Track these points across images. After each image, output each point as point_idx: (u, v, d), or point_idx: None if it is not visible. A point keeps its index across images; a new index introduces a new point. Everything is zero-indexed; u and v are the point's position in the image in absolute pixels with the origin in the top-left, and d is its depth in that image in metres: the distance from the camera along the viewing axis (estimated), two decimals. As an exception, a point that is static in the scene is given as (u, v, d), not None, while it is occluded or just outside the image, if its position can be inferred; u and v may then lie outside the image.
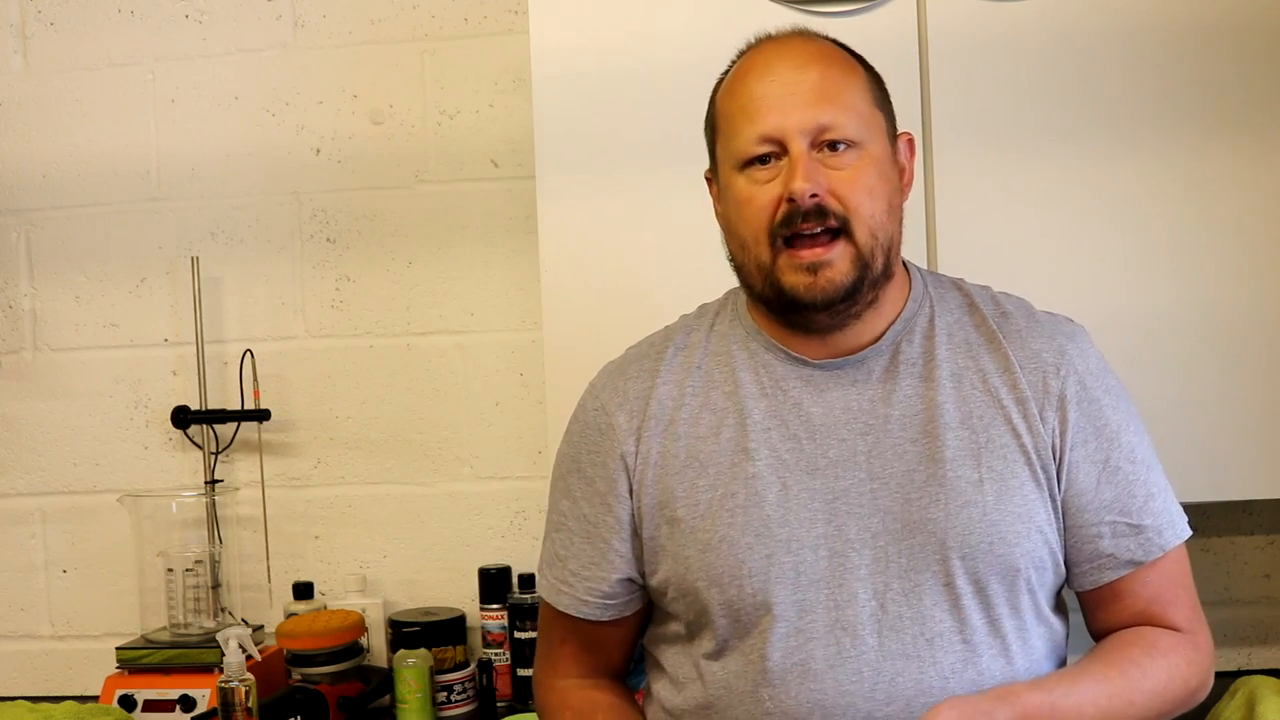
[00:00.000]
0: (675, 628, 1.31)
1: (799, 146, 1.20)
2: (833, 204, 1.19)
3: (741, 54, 1.31)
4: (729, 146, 1.26)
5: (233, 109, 2.19)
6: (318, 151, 2.18)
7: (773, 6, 1.66)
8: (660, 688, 1.33)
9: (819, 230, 1.20)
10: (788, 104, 1.21)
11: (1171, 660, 1.23)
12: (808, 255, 1.20)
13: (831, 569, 1.20)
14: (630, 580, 1.33)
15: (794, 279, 1.21)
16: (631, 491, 1.30)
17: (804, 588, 1.20)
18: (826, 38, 1.30)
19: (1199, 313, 1.64)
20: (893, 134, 1.28)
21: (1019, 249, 1.64)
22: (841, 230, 1.20)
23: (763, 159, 1.22)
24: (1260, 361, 1.64)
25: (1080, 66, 1.63)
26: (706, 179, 1.35)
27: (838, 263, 1.20)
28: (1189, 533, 1.28)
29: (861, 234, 1.20)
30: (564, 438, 1.39)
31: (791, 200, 1.19)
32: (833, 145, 1.21)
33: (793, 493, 1.23)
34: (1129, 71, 1.63)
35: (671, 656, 1.32)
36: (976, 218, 1.65)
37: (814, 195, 1.18)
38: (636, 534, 1.30)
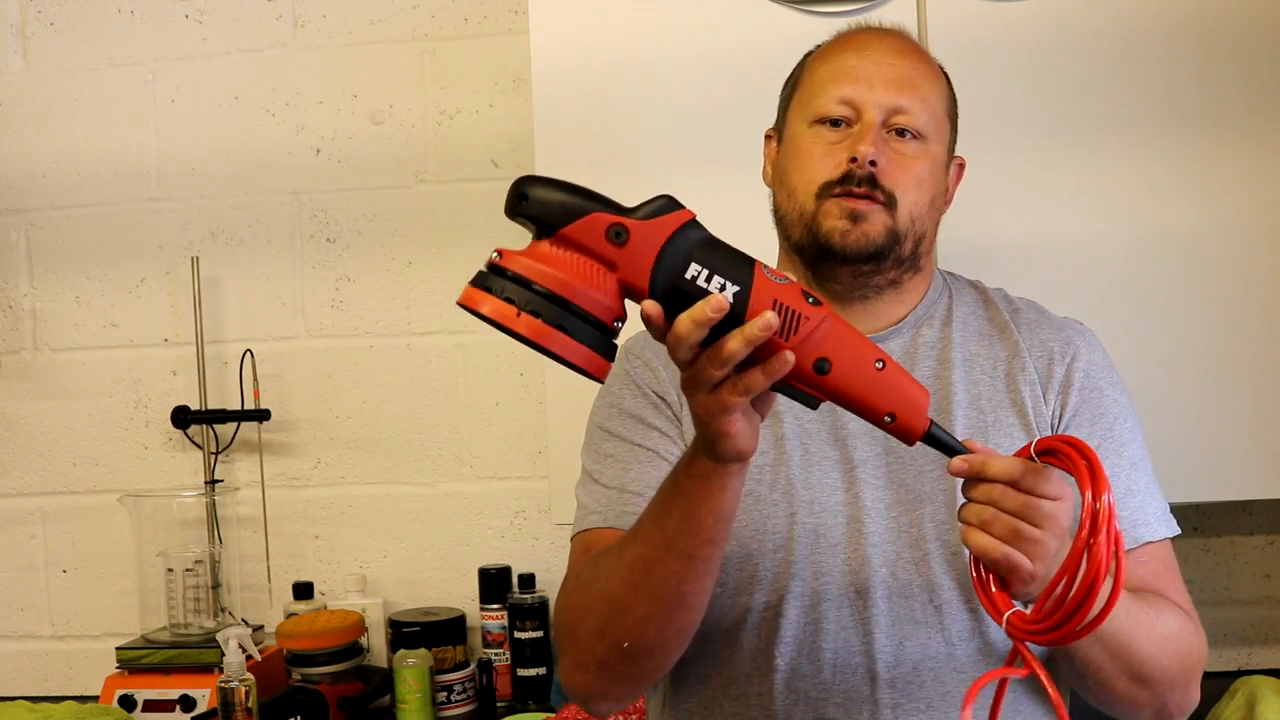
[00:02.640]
0: None
1: (873, 117, 1.26)
2: (885, 181, 1.25)
3: (841, 32, 1.36)
4: (807, 101, 1.31)
5: (233, 109, 2.19)
6: (318, 151, 2.18)
7: (772, 6, 1.66)
8: None
9: (865, 197, 1.25)
10: (874, 78, 1.27)
11: (1182, 621, 1.23)
12: (851, 203, 1.25)
13: (849, 534, 1.24)
14: None
15: (833, 223, 1.25)
16: (680, 430, 1.30)
17: (822, 550, 1.23)
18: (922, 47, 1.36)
19: (1198, 312, 1.64)
20: (951, 151, 1.35)
21: (1018, 247, 1.65)
22: (886, 203, 1.25)
23: (835, 122, 1.28)
24: (1260, 362, 1.64)
25: (1079, 66, 1.63)
26: (767, 136, 1.40)
27: (874, 221, 1.25)
28: (1164, 533, 1.27)
29: (902, 214, 1.26)
30: (599, 398, 1.38)
31: (854, 160, 1.24)
32: (900, 133, 1.27)
33: (814, 459, 1.27)
34: (1128, 71, 1.63)
35: None
36: (975, 216, 1.65)
37: (874, 163, 1.24)
38: None
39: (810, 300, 0.94)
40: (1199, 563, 2.01)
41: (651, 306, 0.91)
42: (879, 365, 0.97)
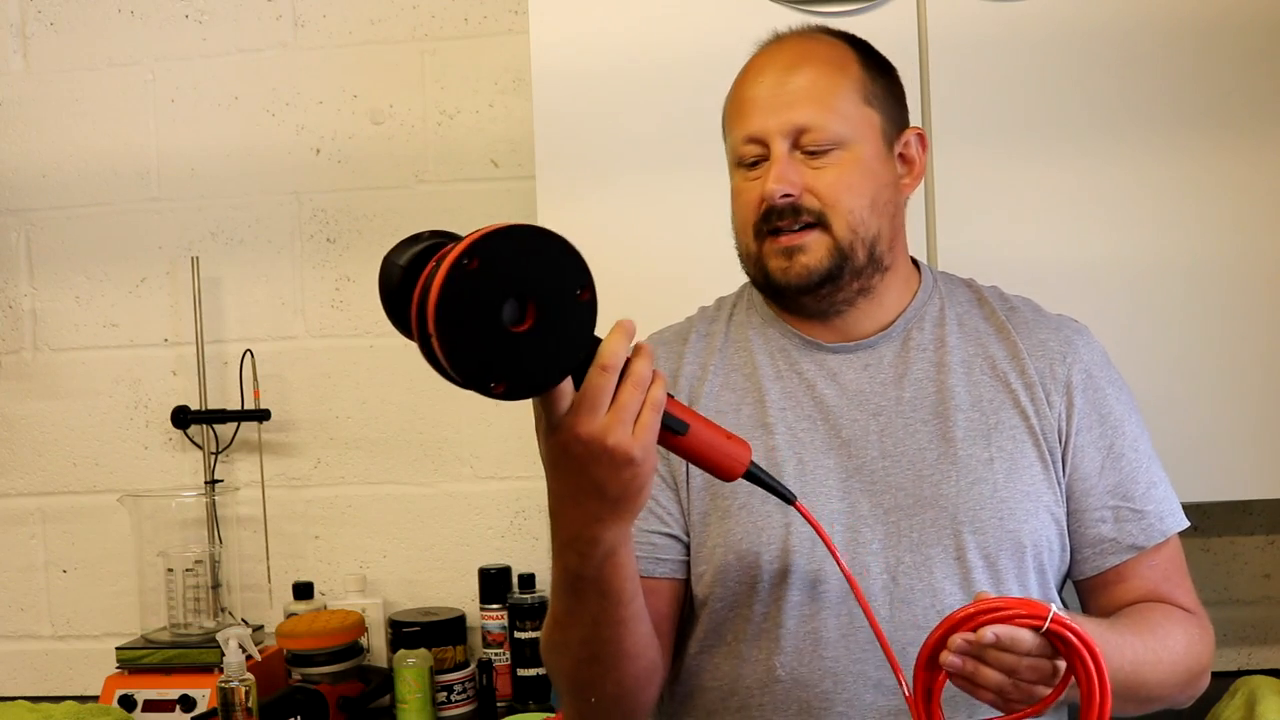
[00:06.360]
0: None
1: (779, 149, 1.26)
2: (809, 201, 1.26)
3: (750, 55, 1.36)
4: (728, 145, 1.34)
5: (233, 109, 2.19)
6: (318, 151, 2.18)
7: (772, 6, 1.66)
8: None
9: (796, 226, 1.26)
10: (769, 107, 1.27)
11: (1188, 630, 1.25)
12: (784, 241, 1.27)
13: (846, 542, 1.23)
14: (676, 538, 1.29)
15: (774, 263, 1.28)
16: None
17: (819, 559, 1.23)
18: (831, 34, 1.33)
19: (1198, 312, 1.64)
20: (892, 131, 1.32)
21: (1018, 247, 1.64)
22: (818, 224, 1.26)
23: (752, 163, 1.29)
24: (1260, 362, 1.64)
25: (1079, 66, 1.63)
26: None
27: (813, 249, 1.26)
28: (1187, 522, 1.29)
29: (839, 227, 1.26)
30: None
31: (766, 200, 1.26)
32: (815, 148, 1.26)
33: (809, 469, 1.27)
34: (1128, 71, 1.63)
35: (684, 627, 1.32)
36: (976, 216, 1.65)
37: (786, 195, 1.25)
38: (677, 488, 1.30)
39: None
40: (1199, 563, 2.01)
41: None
42: None
